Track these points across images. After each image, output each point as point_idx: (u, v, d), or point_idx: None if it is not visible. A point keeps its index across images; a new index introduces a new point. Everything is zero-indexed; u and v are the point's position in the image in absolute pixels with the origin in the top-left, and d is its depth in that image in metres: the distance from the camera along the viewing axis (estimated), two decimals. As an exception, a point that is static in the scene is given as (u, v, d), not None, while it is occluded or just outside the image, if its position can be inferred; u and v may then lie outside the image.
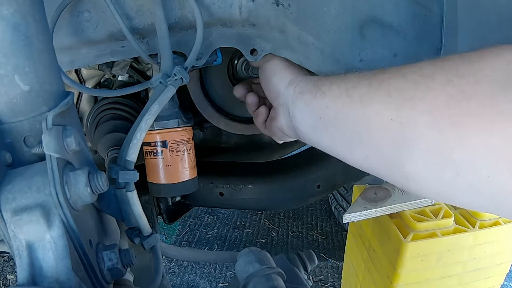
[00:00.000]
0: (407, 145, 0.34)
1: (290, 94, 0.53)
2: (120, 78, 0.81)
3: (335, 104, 0.44)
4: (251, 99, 0.66)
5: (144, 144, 0.62)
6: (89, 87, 0.82)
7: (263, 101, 0.66)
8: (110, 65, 0.73)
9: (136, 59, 0.76)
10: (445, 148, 0.31)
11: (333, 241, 2.09)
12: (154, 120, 0.54)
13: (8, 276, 1.87)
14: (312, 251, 0.65)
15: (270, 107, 0.65)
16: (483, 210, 0.32)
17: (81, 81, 0.82)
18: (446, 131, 0.31)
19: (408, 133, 0.34)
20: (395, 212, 1.03)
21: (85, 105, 0.86)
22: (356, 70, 0.45)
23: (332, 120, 0.44)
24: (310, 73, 0.58)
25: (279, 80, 0.56)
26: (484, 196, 0.31)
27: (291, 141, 0.65)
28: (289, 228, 2.20)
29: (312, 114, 0.48)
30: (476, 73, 0.30)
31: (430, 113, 0.32)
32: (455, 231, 1.10)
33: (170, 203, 0.89)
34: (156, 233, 0.58)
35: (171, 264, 1.91)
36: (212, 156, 0.97)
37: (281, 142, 0.63)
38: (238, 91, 0.69)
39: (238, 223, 2.25)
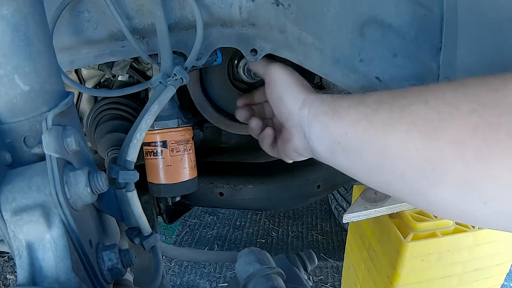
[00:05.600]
0: (433, 176, 0.34)
1: (304, 115, 0.51)
2: (120, 78, 0.81)
3: (355, 130, 0.42)
4: (255, 123, 0.62)
5: (144, 144, 0.62)
6: (89, 87, 0.82)
7: (267, 122, 0.64)
8: (110, 65, 0.73)
9: (136, 59, 0.76)
10: (473, 179, 0.31)
11: (333, 241, 2.09)
12: (154, 120, 0.54)
13: (8, 276, 1.87)
14: (312, 251, 0.65)
15: (276, 127, 0.62)
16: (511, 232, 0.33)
17: (81, 81, 0.82)
18: (474, 163, 0.31)
19: (434, 164, 0.34)
20: (395, 212, 1.03)
21: (85, 105, 0.86)
22: (370, 89, 0.44)
23: (352, 146, 0.43)
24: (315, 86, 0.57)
25: (292, 101, 0.53)
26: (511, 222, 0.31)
27: None
28: (289, 228, 2.20)
29: (330, 138, 0.46)
30: (501, 103, 0.30)
31: (456, 144, 0.32)
32: (455, 231, 1.10)
33: (170, 203, 0.89)
34: (156, 233, 0.58)
35: (171, 264, 1.91)
36: (212, 156, 0.97)
37: (291, 161, 0.61)
38: (241, 114, 0.66)
39: (238, 223, 2.25)
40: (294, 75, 0.57)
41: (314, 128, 0.49)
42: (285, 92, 0.55)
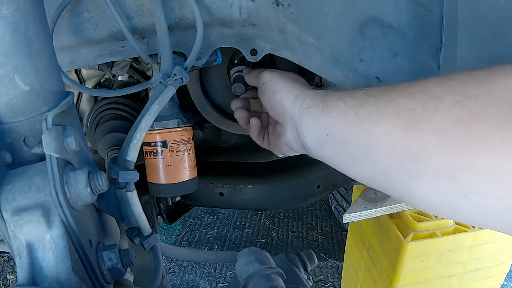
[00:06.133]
0: (415, 167, 0.34)
1: (296, 109, 0.52)
2: (120, 78, 0.81)
3: (342, 121, 0.43)
4: (239, 115, 0.66)
5: (144, 144, 0.62)
6: (89, 87, 0.82)
7: (256, 115, 0.67)
8: (110, 65, 0.73)
9: (136, 59, 0.76)
10: (454, 170, 0.31)
11: (333, 241, 2.09)
12: (154, 120, 0.54)
13: (8, 276, 1.87)
14: (312, 251, 0.65)
15: (264, 121, 0.65)
16: (490, 229, 0.32)
17: (81, 81, 0.82)
18: (455, 154, 0.31)
19: (417, 155, 0.34)
20: (395, 212, 1.03)
21: (85, 105, 0.86)
22: (363, 87, 0.44)
23: (339, 138, 0.44)
24: (311, 84, 0.57)
25: (284, 97, 0.54)
26: (492, 217, 0.31)
27: None
28: (289, 228, 2.20)
29: (319, 130, 0.47)
30: (485, 94, 0.30)
31: (439, 134, 0.32)
32: (455, 231, 1.10)
33: (170, 203, 0.89)
34: (156, 233, 0.58)
35: (171, 264, 1.91)
36: (212, 156, 0.97)
37: (281, 156, 0.63)
38: (234, 104, 0.69)
39: (238, 223, 2.25)
40: (285, 75, 0.58)
41: (305, 121, 0.50)
42: (277, 89, 0.56)
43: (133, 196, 0.49)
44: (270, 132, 0.63)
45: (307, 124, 0.49)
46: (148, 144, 0.62)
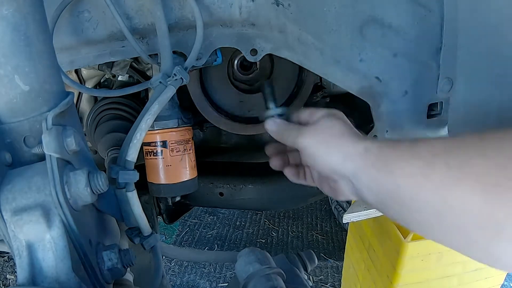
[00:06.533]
0: (496, 231, 0.34)
1: (349, 169, 0.49)
2: (120, 78, 0.81)
3: (408, 184, 0.42)
4: (273, 164, 0.64)
5: (144, 144, 0.62)
6: (89, 87, 0.82)
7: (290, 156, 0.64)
8: (110, 65, 0.73)
9: (136, 59, 0.76)
10: None
11: (333, 241, 2.09)
12: (154, 120, 0.54)
13: (8, 276, 1.88)
14: (312, 251, 0.65)
15: (296, 162, 0.63)
16: None
17: (81, 81, 0.82)
18: None
19: (498, 221, 0.34)
20: (395, 212, 1.03)
21: (85, 105, 0.86)
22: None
23: (406, 201, 0.42)
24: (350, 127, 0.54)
25: (330, 160, 0.51)
26: None
27: None
28: (289, 228, 2.20)
29: (380, 190, 0.45)
30: None
31: None
32: (455, 231, 1.10)
33: (170, 203, 0.89)
34: (156, 233, 0.58)
35: (171, 264, 1.91)
36: (212, 156, 0.97)
37: None
38: (268, 151, 0.66)
39: (238, 223, 2.25)
40: (324, 132, 0.53)
41: (363, 181, 0.48)
42: (319, 154, 0.52)
43: (133, 196, 0.49)
44: (314, 175, 0.59)
45: (366, 184, 0.47)
46: (148, 144, 0.62)
